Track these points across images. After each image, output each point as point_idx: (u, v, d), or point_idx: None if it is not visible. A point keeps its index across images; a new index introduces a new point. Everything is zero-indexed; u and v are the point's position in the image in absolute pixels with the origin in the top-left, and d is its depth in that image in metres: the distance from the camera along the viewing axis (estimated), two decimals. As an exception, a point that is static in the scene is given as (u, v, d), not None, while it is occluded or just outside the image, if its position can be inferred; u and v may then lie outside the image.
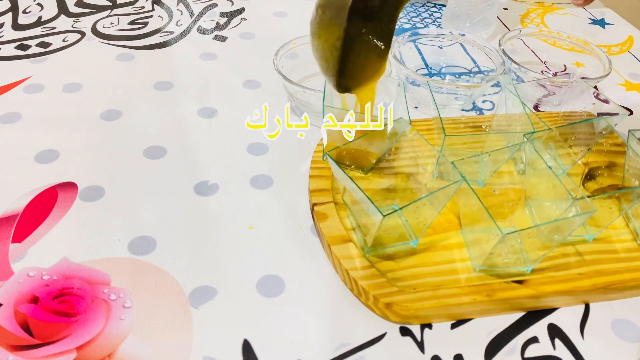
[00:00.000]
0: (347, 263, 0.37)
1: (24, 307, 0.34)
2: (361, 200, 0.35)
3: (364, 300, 0.36)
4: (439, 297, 0.35)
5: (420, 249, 0.39)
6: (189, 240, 0.40)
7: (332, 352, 0.34)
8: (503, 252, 0.36)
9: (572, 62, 0.62)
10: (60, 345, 0.33)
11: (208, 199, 0.43)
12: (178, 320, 0.35)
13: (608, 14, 0.77)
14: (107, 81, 0.56)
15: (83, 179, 0.44)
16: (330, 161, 0.36)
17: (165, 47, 0.62)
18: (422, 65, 0.62)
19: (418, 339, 0.35)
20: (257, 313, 0.35)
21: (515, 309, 0.37)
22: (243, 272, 0.38)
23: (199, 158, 0.47)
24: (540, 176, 0.39)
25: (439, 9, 0.75)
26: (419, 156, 0.40)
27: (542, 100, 0.56)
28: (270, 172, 0.46)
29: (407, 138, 0.40)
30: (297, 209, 0.43)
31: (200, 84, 0.56)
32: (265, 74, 0.58)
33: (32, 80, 0.55)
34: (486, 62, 0.58)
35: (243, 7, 0.71)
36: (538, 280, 0.37)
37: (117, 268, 0.37)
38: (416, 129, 0.40)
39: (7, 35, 0.62)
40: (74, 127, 0.49)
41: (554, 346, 0.35)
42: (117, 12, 0.68)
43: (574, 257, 0.39)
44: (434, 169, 0.41)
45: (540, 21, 0.74)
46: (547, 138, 0.43)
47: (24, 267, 0.37)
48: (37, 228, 0.40)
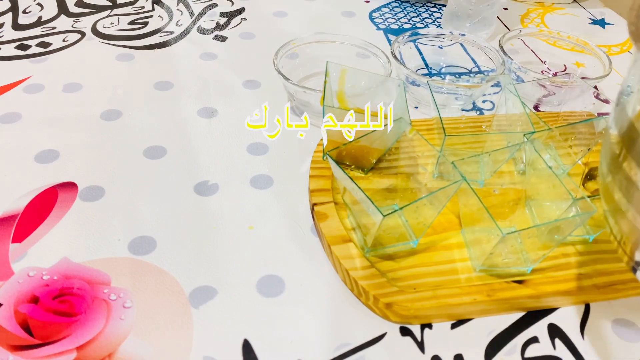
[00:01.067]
0: (347, 263, 0.37)
1: (24, 307, 0.34)
2: (361, 200, 0.35)
3: (364, 300, 0.36)
4: (439, 297, 0.35)
5: (420, 249, 0.39)
6: (189, 240, 0.40)
7: (332, 352, 0.34)
8: (503, 252, 0.36)
9: (572, 62, 0.62)
10: (60, 345, 0.33)
11: (208, 199, 0.43)
12: (178, 320, 0.35)
13: (608, 14, 0.77)
14: (107, 81, 0.56)
15: (83, 179, 0.44)
16: (330, 161, 0.36)
17: (165, 47, 0.62)
18: (422, 65, 0.62)
19: (418, 339, 0.35)
20: (257, 313, 0.35)
21: (515, 309, 0.37)
22: (243, 272, 0.38)
23: (199, 158, 0.47)
24: (540, 176, 0.39)
25: (439, 9, 0.75)
26: (419, 156, 0.40)
27: (542, 100, 0.56)
28: (270, 172, 0.46)
29: (407, 138, 0.40)
30: (297, 209, 0.43)
31: (200, 84, 0.56)
32: (265, 74, 0.58)
33: (32, 80, 0.55)
34: (486, 62, 0.58)
35: (243, 7, 0.71)
36: (538, 280, 0.37)
37: (117, 268, 0.37)
38: (416, 129, 0.40)
39: (7, 35, 0.62)
40: (74, 127, 0.49)
41: (554, 346, 0.35)
42: (117, 12, 0.68)
43: (574, 257, 0.39)
44: (434, 169, 0.41)
45: (540, 21, 0.74)
46: (547, 138, 0.43)
47: (24, 267, 0.37)
48: (37, 228, 0.40)
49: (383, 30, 0.69)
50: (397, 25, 0.70)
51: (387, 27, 0.70)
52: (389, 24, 0.70)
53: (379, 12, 0.73)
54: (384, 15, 0.73)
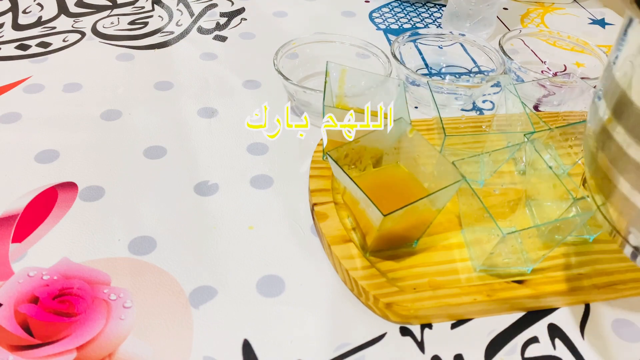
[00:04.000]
0: (347, 263, 0.37)
1: (24, 307, 0.34)
2: (361, 200, 0.35)
3: (364, 300, 0.36)
4: (439, 297, 0.35)
5: (420, 249, 0.39)
6: (189, 240, 0.40)
7: (332, 352, 0.34)
8: (503, 252, 0.36)
9: (572, 62, 0.62)
10: (60, 345, 0.33)
11: (208, 199, 0.43)
12: (178, 320, 0.35)
13: (608, 14, 0.77)
14: (107, 81, 0.56)
15: (83, 179, 0.44)
16: (331, 161, 0.36)
17: (165, 47, 0.62)
18: (422, 65, 0.62)
19: (418, 339, 0.35)
20: (257, 313, 0.35)
21: (515, 309, 0.37)
22: (243, 272, 0.38)
23: (199, 158, 0.47)
24: (540, 176, 0.39)
25: (439, 9, 0.75)
26: (419, 156, 0.40)
27: (542, 100, 0.56)
28: (270, 172, 0.46)
29: (407, 138, 0.40)
30: (297, 209, 0.43)
31: (200, 84, 0.56)
32: (265, 74, 0.58)
33: (32, 80, 0.55)
34: (486, 62, 0.58)
35: (243, 7, 0.71)
36: (538, 280, 0.37)
37: (117, 268, 0.37)
38: (416, 129, 0.40)
39: (7, 35, 0.62)
40: (74, 127, 0.49)
41: (554, 346, 0.35)
42: (117, 12, 0.68)
43: (574, 257, 0.39)
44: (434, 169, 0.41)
45: (540, 21, 0.74)
46: (547, 138, 0.43)
47: (24, 267, 0.37)
48: (37, 228, 0.40)
49: (383, 30, 0.69)
50: (397, 25, 0.70)
51: (387, 27, 0.70)
52: (389, 24, 0.70)
53: (379, 12, 0.73)
54: (384, 15, 0.73)
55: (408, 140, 0.40)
